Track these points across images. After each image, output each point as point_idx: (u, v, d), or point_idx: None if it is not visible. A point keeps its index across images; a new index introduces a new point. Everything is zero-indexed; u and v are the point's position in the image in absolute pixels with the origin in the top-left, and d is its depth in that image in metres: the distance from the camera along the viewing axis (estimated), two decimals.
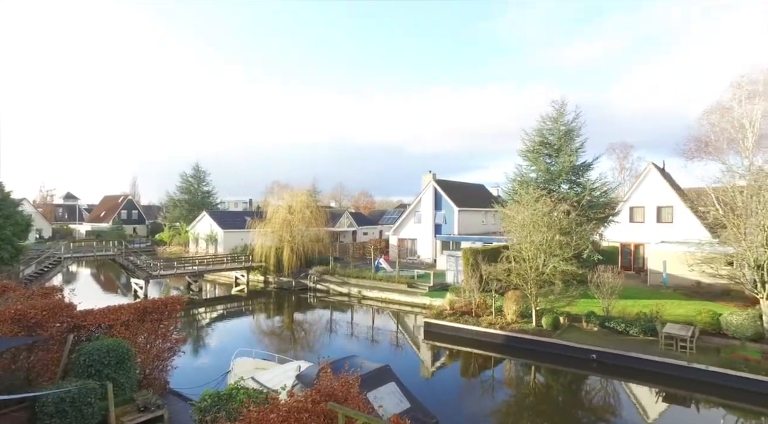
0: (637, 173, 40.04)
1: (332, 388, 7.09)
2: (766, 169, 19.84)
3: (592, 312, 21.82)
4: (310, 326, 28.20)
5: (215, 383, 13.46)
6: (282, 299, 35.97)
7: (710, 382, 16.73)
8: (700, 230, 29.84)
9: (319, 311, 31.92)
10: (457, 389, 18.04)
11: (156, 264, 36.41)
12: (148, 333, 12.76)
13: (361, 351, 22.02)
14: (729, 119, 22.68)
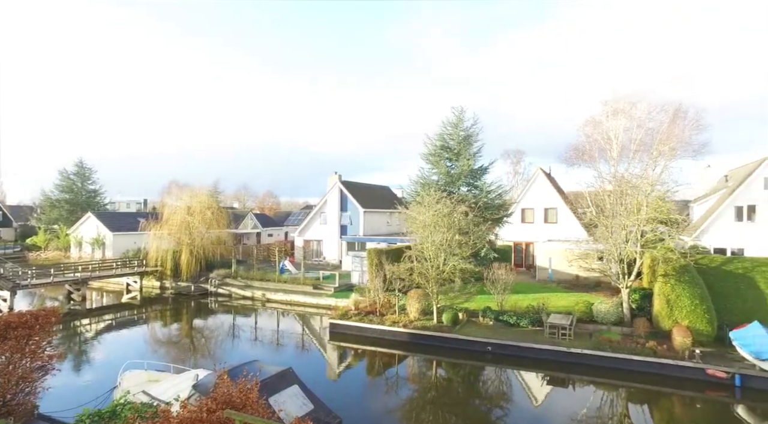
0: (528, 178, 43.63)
1: (229, 395, 6.87)
2: (626, 177, 22.79)
3: (488, 307, 23.35)
4: (211, 332, 26.85)
5: (98, 402, 12.32)
6: (180, 305, 33.81)
7: (585, 363, 18.78)
8: (579, 229, 33.31)
9: (221, 317, 30.52)
10: (362, 388, 18.29)
11: (26, 272, 32.27)
12: (12, 352, 11.22)
13: (265, 355, 21.45)
14: (600, 131, 25.73)
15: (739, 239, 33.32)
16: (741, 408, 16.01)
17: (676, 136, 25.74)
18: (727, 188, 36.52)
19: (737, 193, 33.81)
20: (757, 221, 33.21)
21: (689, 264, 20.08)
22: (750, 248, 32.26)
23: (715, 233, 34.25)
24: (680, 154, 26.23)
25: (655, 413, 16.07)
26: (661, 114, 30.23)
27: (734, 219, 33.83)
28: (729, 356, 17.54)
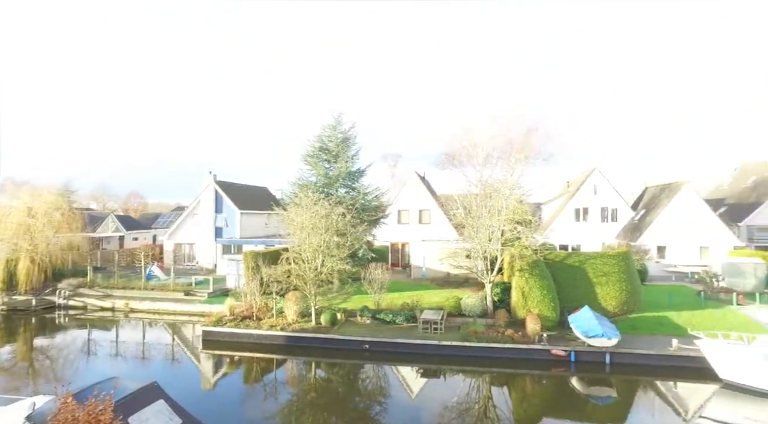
0: (404, 180, 45.75)
1: (75, 420, 6.20)
2: (489, 182, 25.24)
3: (365, 306, 24.02)
4: (59, 351, 23.63)
5: None
6: (16, 323, 29.13)
7: (455, 354, 20.33)
8: (451, 229, 35.87)
9: (74, 332, 26.99)
10: (239, 396, 17.62)
11: None
12: None
13: (127, 372, 19.56)
14: (468, 139, 28.05)
15: (577, 236, 38.75)
16: (575, 379, 18.74)
17: (530, 145, 28.98)
18: (568, 193, 42.23)
19: (575, 198, 39.31)
20: (590, 221, 38.97)
21: (539, 259, 22.83)
22: (585, 243, 37.73)
23: (559, 231, 39.36)
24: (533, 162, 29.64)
25: (512, 393, 18.02)
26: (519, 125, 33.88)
27: (573, 219, 39.27)
28: (568, 337, 20.38)
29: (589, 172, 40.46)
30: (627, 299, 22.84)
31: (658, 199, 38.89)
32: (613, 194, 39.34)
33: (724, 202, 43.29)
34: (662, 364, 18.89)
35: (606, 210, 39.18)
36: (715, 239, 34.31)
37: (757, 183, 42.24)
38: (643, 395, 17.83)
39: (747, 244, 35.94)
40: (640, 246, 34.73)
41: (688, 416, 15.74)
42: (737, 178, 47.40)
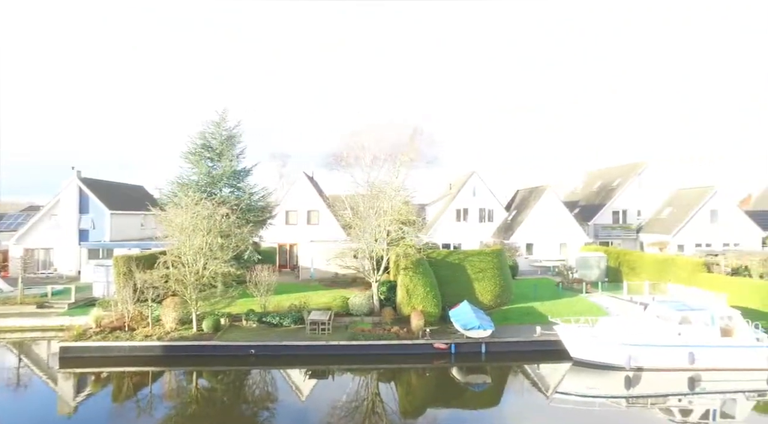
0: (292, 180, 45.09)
1: None
2: (376, 183, 26.00)
3: (251, 310, 23.21)
4: None
5: None
6: None
7: (343, 353, 20.54)
8: (339, 230, 36.14)
9: None
10: (106, 417, 15.92)
11: None
12: None
13: None
14: (357, 141, 28.55)
15: (458, 236, 41.50)
16: (455, 369, 20.14)
17: (415, 148, 30.36)
18: (450, 195, 45.05)
19: (456, 199, 42.10)
20: (469, 221, 41.99)
21: (423, 258, 24.07)
22: (465, 242, 40.55)
23: (442, 230, 41.81)
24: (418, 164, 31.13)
25: (399, 387, 18.75)
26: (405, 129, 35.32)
27: (455, 220, 41.99)
28: (449, 331, 21.74)
29: (468, 174, 43.58)
30: (500, 293, 25.08)
31: (527, 201, 43.22)
32: (490, 196, 42.85)
33: (578, 204, 49.54)
34: (528, 349, 21.07)
35: (483, 211, 42.51)
36: (571, 236, 39.11)
37: (600, 188, 49.05)
38: (514, 379, 19.75)
39: (594, 240, 41.53)
40: (512, 244, 38.29)
41: (549, 392, 17.82)
42: (587, 183, 54.52)
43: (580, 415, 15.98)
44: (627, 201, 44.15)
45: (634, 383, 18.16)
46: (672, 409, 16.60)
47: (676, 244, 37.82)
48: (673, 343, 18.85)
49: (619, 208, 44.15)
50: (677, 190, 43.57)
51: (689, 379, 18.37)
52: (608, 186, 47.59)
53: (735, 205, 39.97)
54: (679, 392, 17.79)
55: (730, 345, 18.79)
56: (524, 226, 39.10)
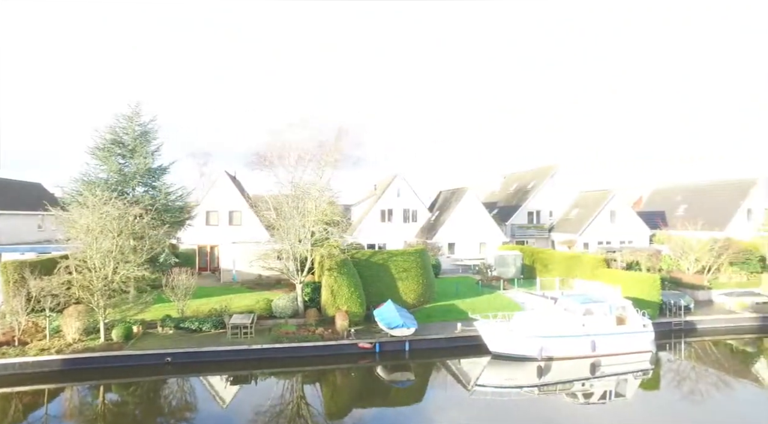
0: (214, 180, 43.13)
1: None
2: (300, 183, 25.66)
3: (167, 315, 21.94)
4: None
5: None
6: None
7: (267, 357, 20.06)
8: (263, 230, 35.16)
9: None
10: None
11: None
12: None
13: None
14: (279, 140, 27.96)
15: (383, 236, 42.05)
16: (380, 368, 20.42)
17: (339, 149, 30.34)
18: (375, 196, 45.56)
19: (381, 200, 42.67)
20: (394, 221, 42.73)
21: (347, 258, 24.12)
22: (390, 242, 41.19)
23: (368, 231, 42.14)
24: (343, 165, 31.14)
25: (324, 389, 18.66)
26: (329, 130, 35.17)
27: (379, 220, 42.53)
28: (373, 330, 21.98)
29: (392, 176, 44.33)
30: (423, 292, 25.78)
31: (449, 202, 44.77)
32: (413, 197, 43.86)
33: (496, 205, 52.19)
34: (450, 345, 21.86)
35: (408, 211, 43.41)
36: (490, 236, 41.10)
37: (517, 190, 52.11)
38: (437, 375, 20.40)
39: (511, 239, 43.98)
40: (435, 243, 39.48)
41: (470, 386, 18.62)
42: (505, 185, 57.66)
43: (498, 405, 16.89)
44: (540, 202, 47.25)
45: (545, 372, 19.51)
46: (576, 393, 18.07)
47: (582, 242, 41.10)
48: (578, 333, 20.51)
49: (533, 209, 47.14)
50: (583, 193, 47.38)
51: (591, 365, 20.11)
52: (524, 188, 50.65)
53: (629, 207, 44.24)
54: (583, 377, 19.39)
55: (623, 332, 20.83)
56: (446, 226, 40.48)
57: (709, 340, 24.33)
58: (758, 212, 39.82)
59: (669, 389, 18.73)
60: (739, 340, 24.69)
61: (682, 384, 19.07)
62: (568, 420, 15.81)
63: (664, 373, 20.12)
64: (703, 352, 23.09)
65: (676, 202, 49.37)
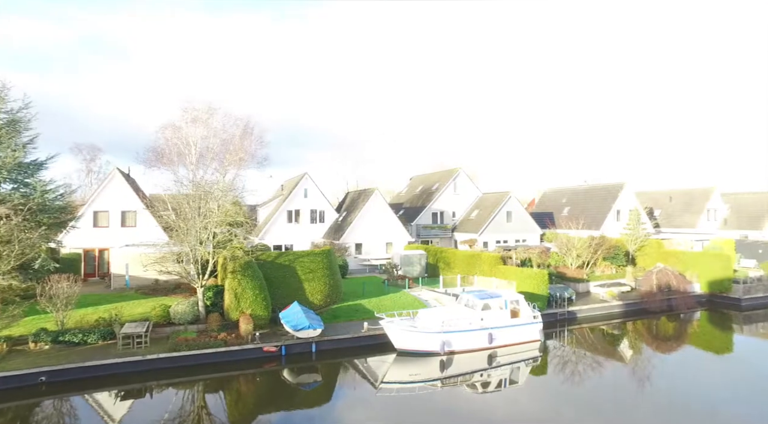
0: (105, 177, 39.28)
1: None
2: (201, 183, 24.34)
3: (43, 329, 19.65)
4: None
5: None
6: None
7: (163, 367, 18.79)
8: (160, 232, 32.79)
9: None
10: None
11: None
12: None
13: None
14: (179, 137, 26.23)
15: (290, 237, 41.36)
16: (286, 371, 20.09)
17: (244, 148, 29.27)
18: (282, 196, 44.68)
19: (288, 201, 41.94)
20: (301, 222, 42.24)
21: (252, 260, 23.36)
22: (297, 243, 40.63)
23: (274, 232, 41.19)
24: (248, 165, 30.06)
25: (228, 397, 17.88)
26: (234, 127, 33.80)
27: (287, 221, 41.77)
28: (279, 333, 21.56)
29: (300, 176, 43.74)
30: (330, 292, 25.77)
31: (356, 203, 45.17)
32: (321, 198, 43.64)
33: (402, 206, 53.73)
34: (357, 345, 22.13)
35: (315, 212, 43.08)
36: (396, 236, 42.19)
37: (422, 191, 54.12)
38: (344, 374, 20.51)
39: (416, 239, 45.56)
40: (342, 244, 39.63)
41: (377, 383, 18.97)
42: (411, 187, 59.56)
43: (403, 400, 17.42)
44: (444, 203, 49.51)
45: (447, 365, 20.52)
46: (476, 384, 19.24)
47: (482, 241, 43.75)
48: (477, 327, 21.85)
49: (437, 210, 49.23)
50: (483, 195, 50.48)
51: (488, 356, 21.54)
52: (429, 190, 52.69)
53: (523, 208, 47.99)
54: (481, 368, 20.69)
55: (516, 324, 22.61)
56: (354, 227, 40.85)
57: (587, 326, 27.25)
58: (624, 212, 45.27)
59: (555, 373, 20.66)
60: (609, 325, 27.95)
61: (565, 367, 21.11)
62: (468, 409, 16.78)
63: (550, 359, 22.12)
64: (582, 337, 25.77)
65: (561, 203, 54.52)
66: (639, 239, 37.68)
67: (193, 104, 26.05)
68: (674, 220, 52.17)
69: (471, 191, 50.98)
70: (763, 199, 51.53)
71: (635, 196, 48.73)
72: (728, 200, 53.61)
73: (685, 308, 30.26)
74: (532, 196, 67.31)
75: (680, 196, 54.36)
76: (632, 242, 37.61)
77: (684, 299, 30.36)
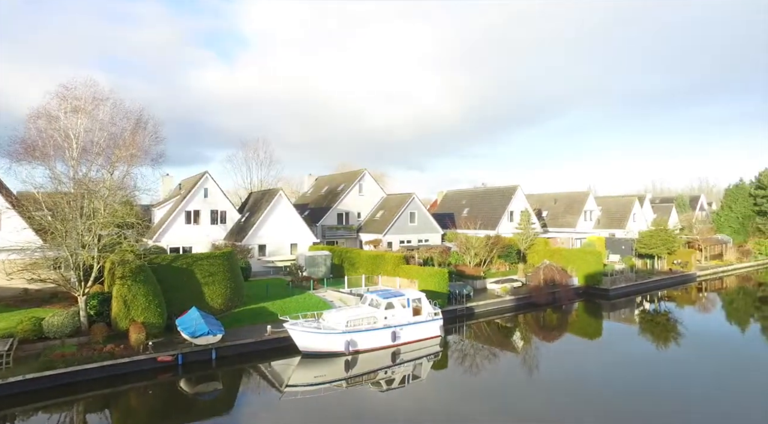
0: None
1: None
2: (84, 180, 22.00)
3: None
4: None
5: None
6: None
7: (32, 389, 16.62)
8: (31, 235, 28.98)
9: None
10: None
11: None
12: None
13: None
14: (56, 127, 23.49)
15: (189, 238, 38.96)
16: (183, 382, 18.88)
17: (136, 143, 27.06)
18: (180, 196, 41.94)
19: (187, 201, 39.48)
20: (201, 224, 40.00)
21: (144, 264, 21.61)
22: (196, 245, 38.39)
23: (171, 234, 38.53)
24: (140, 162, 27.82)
25: (115, 414, 16.33)
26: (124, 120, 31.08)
27: (185, 222, 39.29)
28: (176, 341, 20.20)
29: (199, 175, 41.37)
30: (232, 296, 24.72)
31: (259, 203, 43.74)
32: (222, 198, 41.61)
33: (308, 207, 53.12)
34: (260, 349, 21.47)
35: (216, 213, 40.95)
36: (301, 237, 41.59)
37: (327, 192, 53.98)
38: (247, 380, 19.78)
39: (321, 240, 45.30)
40: (245, 245, 38.16)
41: (282, 388, 18.56)
42: (316, 188, 59.12)
43: (308, 403, 17.23)
44: (349, 204, 49.81)
45: (353, 365, 20.69)
46: (381, 381, 19.63)
47: (386, 241, 44.70)
48: (381, 326, 22.32)
49: (343, 211, 49.39)
50: (387, 196, 51.61)
51: (392, 354, 22.11)
52: (334, 190, 52.68)
53: (425, 209, 49.92)
54: (386, 365, 21.17)
55: (418, 321, 23.48)
56: (257, 228, 39.59)
57: (484, 321, 29.10)
58: (517, 214, 49.09)
59: (455, 366, 21.80)
60: (503, 318, 30.10)
61: (464, 360, 22.35)
62: (372, 407, 17.07)
63: (451, 353, 23.28)
64: (479, 331, 27.48)
65: (462, 205, 57.61)
66: (529, 238, 41.03)
67: (73, 92, 23.48)
68: (558, 220, 57.71)
69: (376, 192, 51.89)
70: (626, 203, 59.16)
71: (526, 199, 53.00)
72: (600, 203, 60.64)
73: (566, 299, 33.57)
74: (434, 198, 70.35)
75: (563, 199, 60.30)
76: (523, 240, 40.85)
77: (565, 292, 33.66)
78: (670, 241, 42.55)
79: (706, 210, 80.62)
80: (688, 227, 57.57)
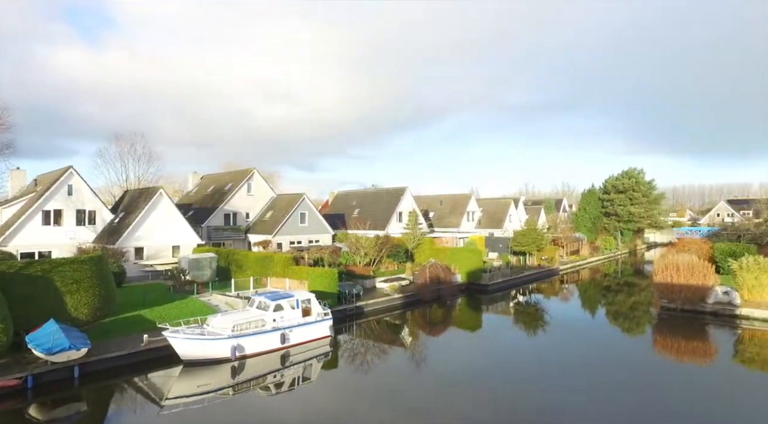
0: None
1: None
2: None
3: None
4: None
5: None
6: None
7: None
8: None
9: None
10: None
11: None
12: None
13: None
14: None
15: (47, 242, 34.34)
16: (33, 408, 16.45)
17: None
18: (36, 193, 36.79)
19: (46, 199, 34.75)
20: (64, 225, 35.50)
21: None
22: (56, 249, 33.95)
23: (24, 237, 33.66)
24: None
25: None
26: None
27: (42, 223, 34.54)
28: (26, 361, 17.55)
29: (63, 170, 36.63)
30: (101, 305, 22.17)
31: (136, 202, 40.01)
32: (92, 196, 37.33)
33: (192, 207, 49.84)
34: (135, 360, 19.61)
35: (83, 213, 36.61)
36: (184, 238, 38.88)
37: (214, 191, 51.21)
38: (120, 397, 17.96)
39: (207, 241, 42.82)
40: (119, 248, 34.65)
41: (161, 401, 17.13)
42: (201, 187, 55.75)
43: (191, 415, 16.15)
44: (237, 204, 47.74)
45: (240, 371, 19.85)
46: (270, 386, 19.12)
47: (276, 242, 43.62)
48: (270, 328, 21.73)
49: (230, 211, 47.18)
50: (277, 196, 50.40)
51: (282, 356, 21.64)
52: (221, 190, 50.11)
53: (316, 210, 49.69)
54: (275, 369, 20.66)
55: (308, 322, 23.31)
56: (133, 229, 36.21)
57: (373, 319, 29.77)
58: (406, 214, 51.05)
59: (345, 365, 21.99)
60: (392, 316, 31.10)
61: (355, 359, 22.65)
62: (261, 413, 16.54)
63: (341, 353, 23.44)
64: (369, 330, 28.07)
65: (352, 206, 58.34)
66: (416, 237, 42.88)
67: None
68: (444, 220, 61.14)
69: (266, 192, 50.44)
70: (503, 205, 64.75)
71: (414, 200, 55.29)
72: (481, 205, 65.53)
73: (450, 296, 35.68)
74: (325, 199, 70.29)
75: (448, 201, 64.05)
76: (411, 240, 42.56)
77: (449, 288, 35.76)
78: (539, 239, 47.46)
79: (567, 211, 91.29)
80: (554, 227, 64.61)
